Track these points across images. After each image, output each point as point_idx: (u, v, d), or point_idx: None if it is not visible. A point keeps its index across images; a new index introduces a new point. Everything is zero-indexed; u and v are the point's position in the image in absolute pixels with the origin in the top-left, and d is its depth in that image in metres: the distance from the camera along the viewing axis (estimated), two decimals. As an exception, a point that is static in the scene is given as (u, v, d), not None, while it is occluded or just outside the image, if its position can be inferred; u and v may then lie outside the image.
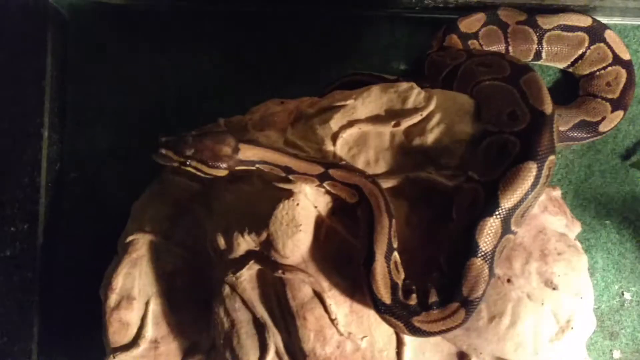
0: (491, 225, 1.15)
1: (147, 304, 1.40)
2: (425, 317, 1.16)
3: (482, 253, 1.15)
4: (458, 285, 1.16)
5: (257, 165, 1.21)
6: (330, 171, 1.20)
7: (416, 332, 1.17)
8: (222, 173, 1.18)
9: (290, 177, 1.21)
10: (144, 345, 1.40)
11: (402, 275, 1.21)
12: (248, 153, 1.19)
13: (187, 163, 1.17)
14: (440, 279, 1.19)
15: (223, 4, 1.79)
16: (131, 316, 1.40)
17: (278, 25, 1.79)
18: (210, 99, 1.77)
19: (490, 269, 1.16)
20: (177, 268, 1.41)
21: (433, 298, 1.17)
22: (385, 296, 1.16)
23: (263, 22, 1.79)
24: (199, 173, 1.19)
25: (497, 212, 1.15)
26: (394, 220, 1.19)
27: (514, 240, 1.22)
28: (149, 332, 1.40)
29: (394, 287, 1.17)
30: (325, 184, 1.22)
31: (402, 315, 1.16)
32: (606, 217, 1.73)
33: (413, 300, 1.18)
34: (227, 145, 1.18)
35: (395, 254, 1.20)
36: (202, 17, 1.80)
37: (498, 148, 1.22)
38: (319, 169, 1.20)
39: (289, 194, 1.22)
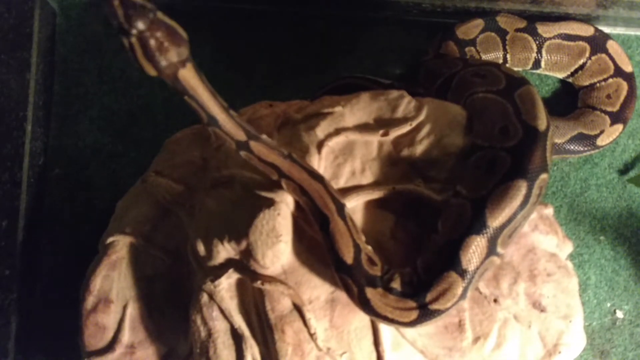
0: (477, 244, 1.11)
1: (124, 307, 1.37)
2: (379, 293, 1.11)
3: (462, 270, 1.10)
4: (425, 289, 1.11)
5: (185, 97, 1.07)
6: (251, 143, 1.13)
7: (364, 303, 1.12)
8: (151, 72, 1.03)
9: (209, 129, 1.12)
10: (120, 350, 1.36)
11: (363, 238, 1.17)
12: (188, 77, 1.04)
13: (129, 34, 0.98)
14: (411, 275, 1.15)
15: (216, 1, 1.76)
16: (108, 320, 1.37)
17: (272, 25, 1.76)
18: (200, 97, 1.74)
19: (465, 290, 1.11)
20: (157, 272, 1.38)
21: (396, 285, 1.13)
22: (348, 256, 1.12)
23: (257, 22, 1.76)
24: (129, 52, 1.02)
25: (484, 231, 1.11)
26: (325, 181, 1.15)
27: (498, 261, 1.18)
28: (126, 336, 1.36)
29: (356, 247, 1.13)
30: (241, 153, 1.15)
31: (359, 280, 1.11)
32: (601, 233, 1.70)
33: (375, 271, 1.14)
34: (178, 52, 1.02)
35: (347, 209, 1.15)
36: (194, 13, 1.77)
37: (488, 164, 1.18)
38: (242, 137, 1.13)
39: (270, 203, 1.18)
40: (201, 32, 1.76)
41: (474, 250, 1.11)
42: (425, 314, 1.11)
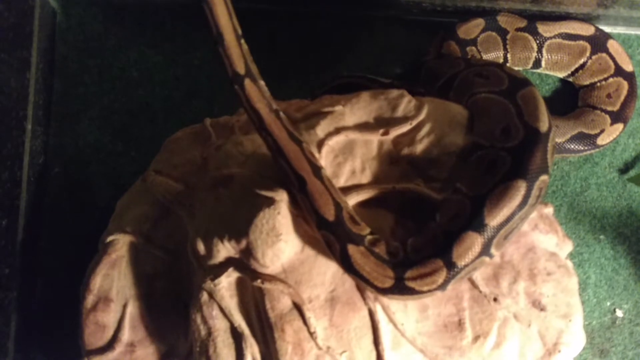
0: (472, 241, 1.10)
1: (124, 306, 1.37)
2: (361, 251, 1.11)
3: (451, 262, 1.10)
4: (407, 266, 1.11)
5: (204, 6, 1.11)
6: (246, 80, 1.14)
7: (345, 259, 1.11)
8: None
9: (218, 47, 1.13)
10: (119, 348, 1.36)
11: (344, 198, 1.17)
12: None
13: None
14: (397, 249, 1.15)
15: None
16: (108, 318, 1.37)
17: (272, 24, 1.76)
18: (200, 96, 1.74)
19: (447, 281, 1.10)
20: (157, 271, 1.38)
21: (379, 250, 1.13)
22: (328, 213, 1.12)
23: (257, 20, 1.75)
24: None
25: (481, 229, 1.11)
26: (304, 145, 1.15)
27: (488, 262, 1.18)
28: (126, 335, 1.36)
29: (337, 206, 1.13)
30: (234, 86, 1.15)
31: (341, 236, 1.11)
32: (601, 232, 1.70)
33: (358, 230, 1.13)
34: None
35: (324, 171, 1.15)
36: (195, 12, 1.76)
37: (488, 163, 1.18)
38: (241, 70, 1.13)
39: (270, 201, 1.18)
40: (201, 31, 1.75)
41: (468, 247, 1.11)
42: (399, 287, 1.10)
